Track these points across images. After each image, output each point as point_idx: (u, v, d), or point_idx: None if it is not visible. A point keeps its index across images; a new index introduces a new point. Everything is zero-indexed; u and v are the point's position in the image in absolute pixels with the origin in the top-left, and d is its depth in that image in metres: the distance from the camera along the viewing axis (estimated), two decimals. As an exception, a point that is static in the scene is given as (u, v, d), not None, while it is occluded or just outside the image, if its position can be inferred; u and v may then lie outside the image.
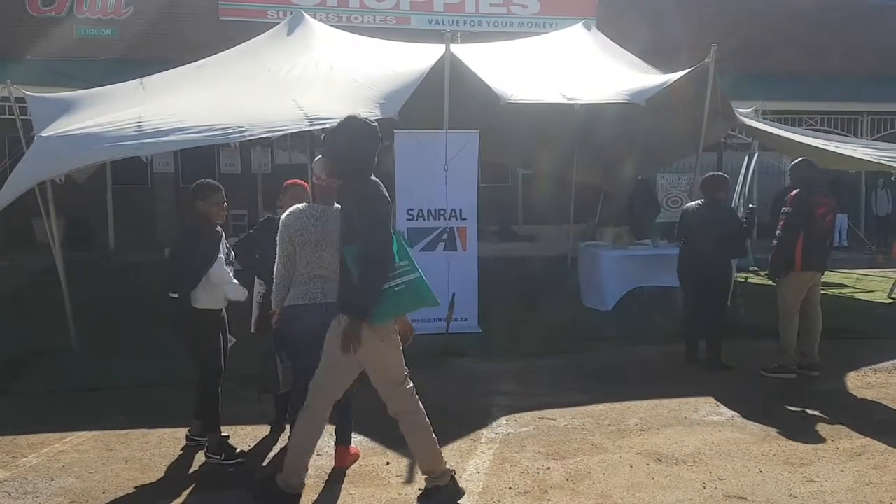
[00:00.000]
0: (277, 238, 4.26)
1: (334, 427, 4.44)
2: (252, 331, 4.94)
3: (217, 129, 6.89)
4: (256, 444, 4.86)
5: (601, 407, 5.56)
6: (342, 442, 4.42)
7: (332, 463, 4.42)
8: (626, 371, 6.69)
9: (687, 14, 17.69)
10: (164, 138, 6.71)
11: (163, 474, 4.39)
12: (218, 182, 4.76)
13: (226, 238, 4.74)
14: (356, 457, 4.51)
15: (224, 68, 9.01)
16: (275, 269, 4.28)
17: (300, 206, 4.33)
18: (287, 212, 4.32)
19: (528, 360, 6.99)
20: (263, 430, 5.02)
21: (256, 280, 5.03)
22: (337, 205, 4.32)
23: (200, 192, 4.65)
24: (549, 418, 5.33)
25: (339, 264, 4.24)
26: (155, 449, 4.77)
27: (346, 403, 4.41)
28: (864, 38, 19.65)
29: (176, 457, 4.65)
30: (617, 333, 7.95)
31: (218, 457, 4.50)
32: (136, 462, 4.56)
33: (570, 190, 13.06)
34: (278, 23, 11.27)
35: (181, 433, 4.89)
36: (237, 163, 16.24)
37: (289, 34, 10.00)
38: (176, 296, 4.48)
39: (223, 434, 4.62)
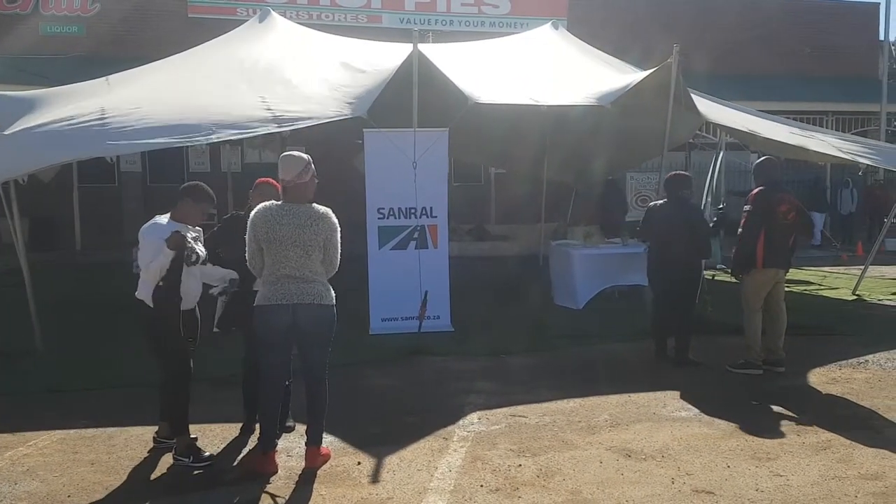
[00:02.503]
0: (246, 235, 4.27)
1: (305, 427, 4.42)
2: (214, 328, 4.88)
3: (185, 133, 6.79)
4: (226, 446, 4.81)
5: (572, 404, 5.59)
6: (313, 443, 4.39)
7: (303, 464, 4.39)
8: (596, 368, 6.73)
9: (657, 16, 17.89)
10: (132, 140, 6.60)
11: (129, 477, 4.33)
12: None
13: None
14: (327, 457, 4.48)
15: (192, 66, 8.90)
16: (247, 262, 4.33)
17: (267, 203, 4.32)
18: (255, 210, 4.32)
19: (501, 358, 7.01)
20: (233, 431, 4.97)
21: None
22: (310, 204, 4.30)
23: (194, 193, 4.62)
24: (520, 415, 5.34)
25: (307, 264, 4.23)
26: (121, 451, 4.69)
27: (315, 408, 4.38)
28: (830, 41, 20.07)
29: (143, 459, 4.58)
30: (588, 331, 7.99)
31: (186, 459, 4.45)
32: (102, 465, 4.48)
33: (542, 189, 13.13)
34: (248, 20, 11.18)
35: (148, 435, 4.83)
36: (206, 161, 16.07)
37: (257, 32, 9.92)
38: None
39: (192, 436, 4.57)
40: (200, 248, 4.60)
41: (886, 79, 19.08)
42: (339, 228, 4.36)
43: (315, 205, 4.34)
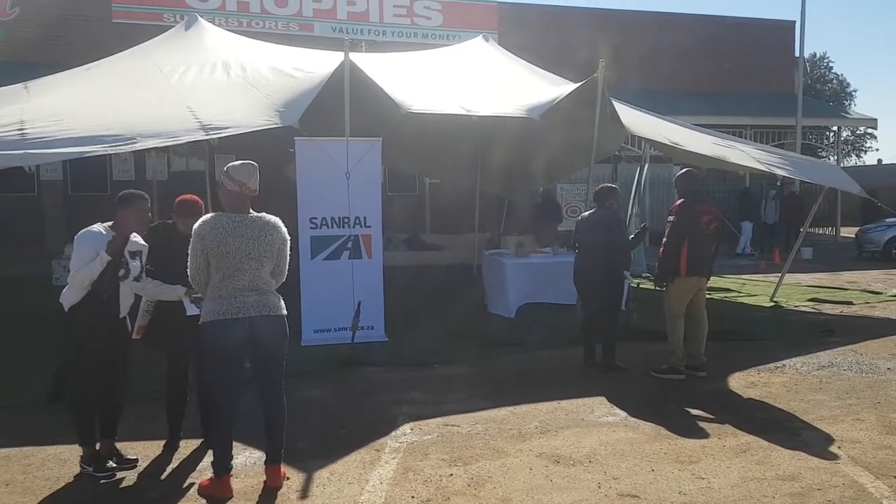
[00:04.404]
0: (189, 248, 4.08)
1: (265, 447, 4.33)
2: (134, 336, 4.73)
3: (107, 140, 6.51)
4: (148, 464, 4.67)
5: (504, 411, 5.65)
6: (275, 461, 4.27)
7: (263, 483, 4.29)
8: (528, 375, 6.82)
9: (585, 31, 18.34)
10: (51, 149, 6.34)
11: (46, 498, 4.16)
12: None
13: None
14: (285, 476, 4.36)
15: (115, 72, 8.62)
16: (189, 278, 4.14)
17: (215, 215, 4.12)
18: (200, 221, 4.11)
19: (434, 368, 7.03)
20: (156, 449, 4.83)
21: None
22: (253, 213, 4.20)
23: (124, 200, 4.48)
24: (453, 425, 5.37)
25: (260, 275, 4.11)
26: (38, 471, 4.51)
27: (275, 424, 4.28)
28: (748, 58, 20.97)
29: (61, 479, 4.41)
30: (519, 339, 8.09)
31: (89, 468, 4.38)
32: (18, 486, 4.30)
33: (476, 199, 13.24)
34: (174, 26, 10.94)
35: (67, 454, 4.66)
36: (131, 169, 15.58)
37: (184, 38, 9.71)
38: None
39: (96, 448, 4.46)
40: (135, 265, 4.48)
41: (802, 94, 19.99)
42: (289, 238, 4.30)
43: (264, 214, 4.25)
